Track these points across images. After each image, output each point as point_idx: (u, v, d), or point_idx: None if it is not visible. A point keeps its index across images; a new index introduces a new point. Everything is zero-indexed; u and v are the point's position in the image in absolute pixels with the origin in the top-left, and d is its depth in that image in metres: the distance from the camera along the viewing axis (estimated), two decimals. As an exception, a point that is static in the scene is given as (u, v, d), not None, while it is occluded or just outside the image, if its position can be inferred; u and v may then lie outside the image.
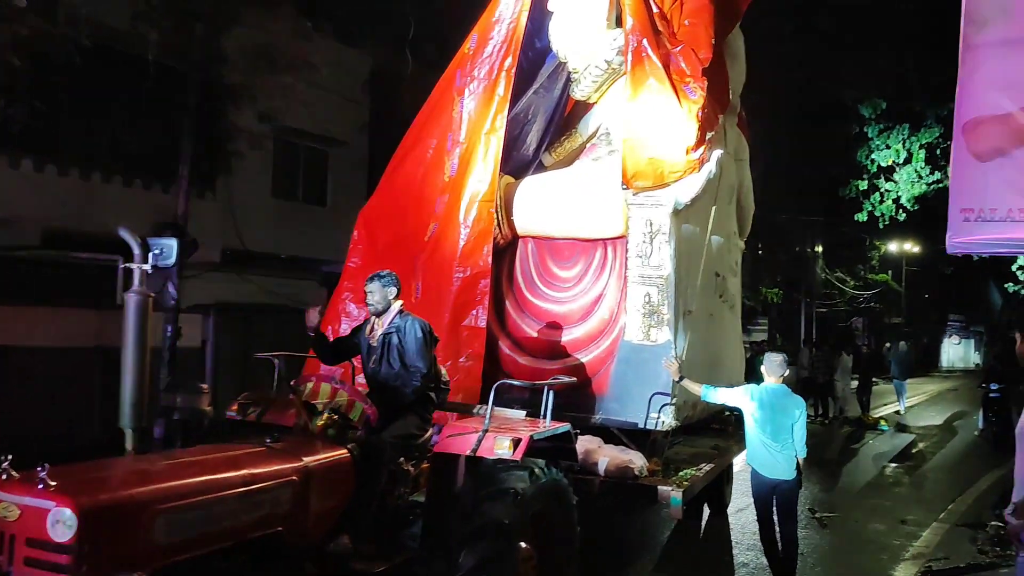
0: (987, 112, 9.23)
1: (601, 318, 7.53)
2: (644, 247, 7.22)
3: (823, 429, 18.37)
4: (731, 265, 9.19)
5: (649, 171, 7.08)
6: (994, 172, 9.09)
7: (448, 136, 7.61)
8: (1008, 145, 9.04)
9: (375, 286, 5.57)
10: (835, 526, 9.58)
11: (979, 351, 44.17)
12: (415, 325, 5.45)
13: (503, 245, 7.80)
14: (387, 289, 5.57)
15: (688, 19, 7.34)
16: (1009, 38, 9.15)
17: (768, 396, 6.68)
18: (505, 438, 5.02)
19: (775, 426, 6.63)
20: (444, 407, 5.98)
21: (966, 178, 9.43)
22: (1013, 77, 9.12)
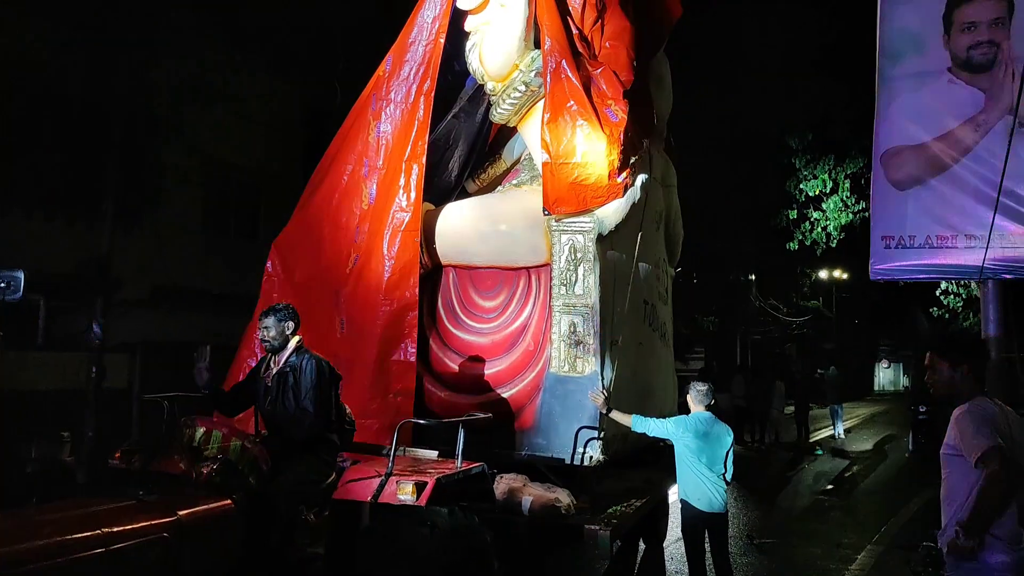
0: (904, 142, 9.24)
1: (525, 349, 7.07)
2: (568, 275, 6.80)
3: (759, 455, 18.11)
4: (661, 292, 8.81)
5: (571, 196, 6.67)
6: (912, 200, 9.08)
7: (364, 162, 7.13)
8: (924, 174, 9.04)
9: (271, 321, 5.06)
10: (773, 551, 9.37)
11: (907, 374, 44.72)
12: (311, 363, 4.95)
13: (423, 275, 7.30)
14: (284, 324, 5.07)
15: (609, 41, 6.97)
16: (922, 71, 9.16)
17: (700, 425, 6.31)
18: (408, 482, 4.53)
19: (710, 456, 6.25)
20: (350, 448, 5.45)
21: (886, 206, 9.43)
22: (926, 108, 9.10)
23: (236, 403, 5.37)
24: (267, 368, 5.09)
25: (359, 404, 6.59)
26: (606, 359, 6.85)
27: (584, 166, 6.64)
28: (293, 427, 4.85)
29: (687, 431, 6.28)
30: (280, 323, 5.06)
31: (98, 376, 13.62)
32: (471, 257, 7.26)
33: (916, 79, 9.05)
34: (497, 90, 7.14)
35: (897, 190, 9.11)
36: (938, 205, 8.73)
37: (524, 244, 7.03)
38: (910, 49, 9.10)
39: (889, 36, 9.20)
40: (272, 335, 5.04)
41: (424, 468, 5.00)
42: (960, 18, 8.81)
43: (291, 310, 5.15)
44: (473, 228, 7.19)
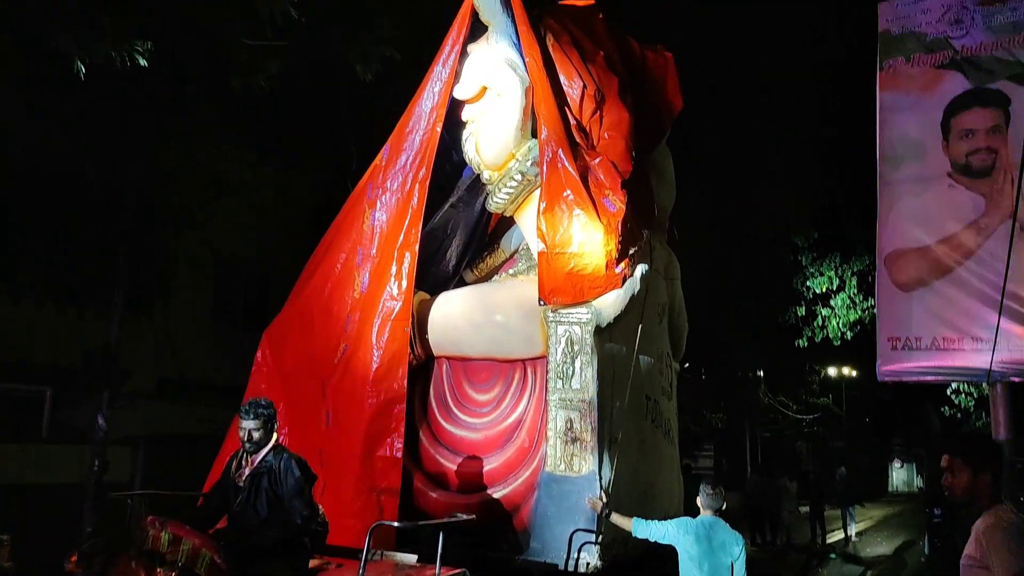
0: (906, 244, 9.08)
1: (520, 446, 6.63)
2: (565, 368, 6.42)
3: (772, 557, 17.27)
4: (664, 387, 8.38)
5: (568, 286, 6.34)
6: (917, 302, 8.90)
7: (358, 250, 6.85)
8: (928, 276, 8.85)
9: (254, 423, 4.68)
10: None
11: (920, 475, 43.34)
12: (290, 462, 4.55)
13: (416, 366, 6.93)
14: (270, 424, 4.68)
15: (608, 132, 6.75)
16: (922, 176, 9.08)
17: (705, 531, 5.76)
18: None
19: (712, 565, 5.68)
20: (324, 551, 4.98)
21: (891, 307, 9.29)
22: (928, 212, 8.98)
23: (209, 512, 4.92)
24: (239, 467, 4.69)
25: (342, 502, 6.15)
26: (605, 457, 6.41)
27: (581, 256, 6.34)
28: (267, 531, 4.42)
29: (687, 534, 5.76)
30: (266, 423, 4.67)
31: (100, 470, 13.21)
32: (464, 348, 6.89)
33: (917, 183, 9.10)
34: (494, 179, 6.90)
35: (902, 291, 9.09)
36: (943, 307, 8.67)
37: (519, 335, 6.68)
38: (910, 155, 9.20)
39: (889, 142, 9.30)
40: (256, 437, 4.65)
41: (400, 575, 4.53)
42: (958, 126, 8.91)
43: (267, 408, 4.76)
44: (467, 318, 6.84)
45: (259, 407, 4.71)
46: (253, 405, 4.73)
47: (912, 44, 9.39)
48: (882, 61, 9.56)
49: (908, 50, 9.39)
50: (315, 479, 4.76)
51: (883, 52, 9.55)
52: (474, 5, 6.81)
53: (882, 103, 9.43)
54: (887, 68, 9.49)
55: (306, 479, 4.57)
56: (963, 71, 9.06)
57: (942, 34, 9.22)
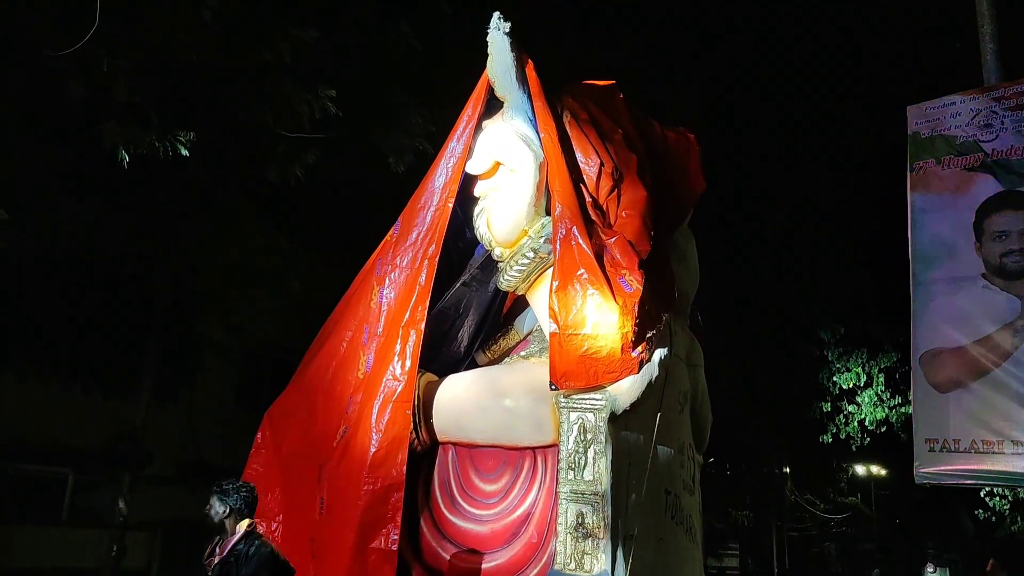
0: (942, 345, 8.61)
1: (528, 541, 5.98)
2: (577, 457, 5.82)
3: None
4: (686, 481, 7.70)
5: (581, 370, 5.79)
6: (954, 403, 8.35)
7: (364, 328, 6.39)
8: (965, 377, 8.35)
9: (214, 500, 4.20)
10: None
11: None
12: (259, 549, 4.00)
13: (420, 452, 6.36)
14: (224, 505, 4.17)
15: (626, 210, 6.30)
16: (956, 276, 8.67)
17: None
18: None
19: None
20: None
21: (928, 409, 8.79)
22: (963, 312, 8.55)
23: None
24: (211, 554, 4.15)
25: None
26: (618, 556, 5.75)
27: (595, 338, 5.81)
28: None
29: None
30: (226, 506, 4.16)
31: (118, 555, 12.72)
32: (471, 433, 6.32)
33: (951, 283, 8.86)
34: (505, 256, 6.45)
35: (938, 392, 8.72)
36: (981, 409, 8.29)
37: (529, 421, 6.11)
38: (943, 255, 8.99)
39: (921, 242, 9.13)
40: (216, 520, 4.14)
41: None
42: (991, 227, 8.75)
43: (240, 493, 4.28)
44: (474, 402, 6.29)
45: (221, 488, 4.22)
46: (220, 484, 4.24)
47: (942, 146, 9.26)
48: (912, 162, 9.42)
49: (938, 152, 9.26)
50: (285, 571, 4.18)
51: (913, 154, 9.42)
52: (489, 80, 6.49)
53: (913, 204, 9.25)
54: (918, 169, 9.35)
55: (267, 568, 4.01)
56: (994, 174, 8.92)
57: (972, 137, 9.10)
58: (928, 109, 9.48)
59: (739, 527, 23.58)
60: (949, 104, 9.36)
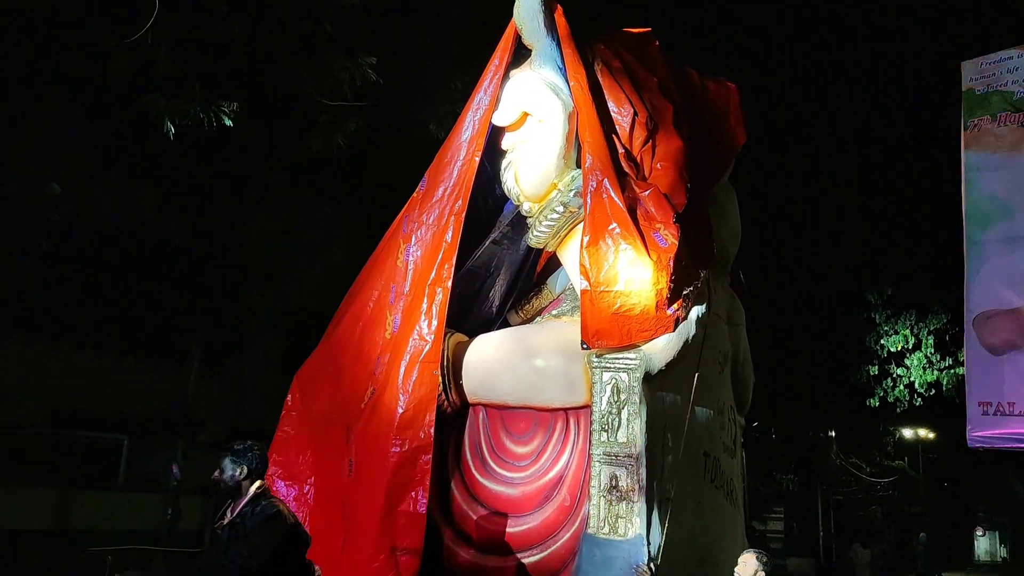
0: (996, 306, 8.13)
1: (560, 505, 5.71)
2: (610, 418, 5.51)
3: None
4: (727, 443, 7.35)
5: (614, 328, 5.46)
6: (1009, 366, 7.91)
7: (391, 288, 6.11)
8: (1020, 339, 7.90)
9: (225, 462, 3.97)
10: None
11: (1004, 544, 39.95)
12: (265, 511, 3.77)
13: (451, 414, 6.10)
14: (238, 467, 3.93)
15: (661, 162, 5.92)
16: (1011, 236, 8.18)
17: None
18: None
19: None
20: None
21: (981, 371, 8.35)
22: (1018, 273, 8.04)
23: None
24: (221, 517, 3.93)
25: (361, 561, 5.32)
26: (654, 519, 5.45)
27: (628, 295, 5.46)
28: None
29: None
30: (238, 467, 3.93)
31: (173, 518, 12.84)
32: (501, 395, 6.03)
33: (1006, 243, 8.50)
34: (534, 211, 6.10)
35: (992, 355, 8.39)
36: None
37: (560, 382, 5.80)
38: (998, 214, 8.62)
39: (975, 201, 8.75)
40: (226, 479, 3.91)
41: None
42: None
43: (254, 452, 4.03)
44: (504, 362, 5.99)
45: (233, 449, 3.98)
46: (229, 447, 4.00)
47: (998, 103, 8.77)
48: (966, 120, 8.93)
49: (994, 109, 8.78)
50: (302, 538, 3.94)
51: (967, 111, 8.94)
52: (517, 28, 6.11)
53: (967, 162, 8.78)
54: (972, 127, 8.87)
55: (272, 529, 3.77)
56: (1051, 130, 8.45)
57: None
58: (983, 64, 8.96)
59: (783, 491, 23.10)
60: (1006, 59, 8.82)
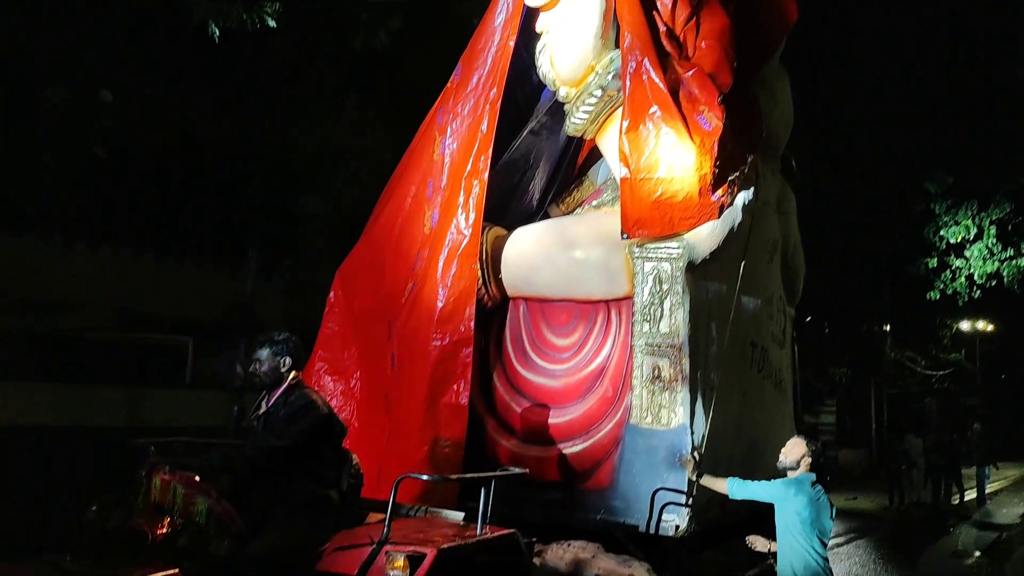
0: None
1: (603, 395, 5.61)
2: (652, 309, 5.33)
3: (898, 518, 15.62)
4: (776, 334, 7.16)
5: (655, 217, 5.23)
6: None
7: (428, 182, 5.93)
8: None
9: (264, 353, 3.89)
10: None
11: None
12: (301, 398, 3.71)
13: (491, 308, 5.99)
14: (279, 359, 3.87)
15: (705, 40, 5.52)
16: None
17: (812, 490, 4.60)
18: (400, 554, 3.17)
19: (821, 528, 4.57)
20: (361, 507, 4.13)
21: None
22: None
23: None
24: (257, 408, 3.89)
25: (406, 452, 5.33)
26: (697, 409, 5.32)
27: (670, 181, 5.20)
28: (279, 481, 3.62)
29: (800, 494, 4.61)
30: (275, 357, 3.87)
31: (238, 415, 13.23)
32: (541, 288, 5.89)
33: None
34: (571, 96, 5.80)
35: None
36: None
37: (601, 273, 5.62)
38: None
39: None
40: (264, 370, 3.86)
41: (434, 535, 3.63)
42: None
43: (292, 343, 3.94)
44: (543, 255, 5.82)
45: (273, 340, 3.90)
46: (267, 338, 3.92)
47: None
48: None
49: None
50: (339, 428, 3.88)
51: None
52: (551, -100, 5.68)
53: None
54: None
55: (303, 416, 3.70)
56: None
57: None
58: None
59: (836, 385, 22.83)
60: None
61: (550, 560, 5.08)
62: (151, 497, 3.39)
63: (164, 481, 3.35)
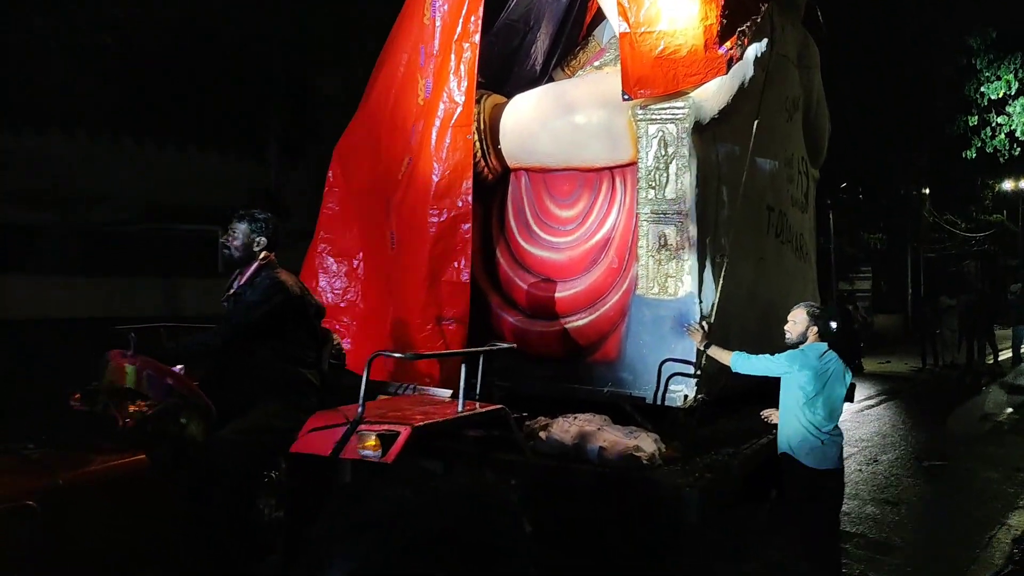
0: None
1: (608, 267, 5.30)
2: (657, 174, 4.94)
3: (932, 378, 15.37)
4: (796, 197, 6.73)
5: (658, 74, 4.76)
6: None
7: (420, 49, 5.46)
8: None
9: (241, 227, 3.61)
10: (944, 474, 7.97)
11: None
12: (268, 278, 3.47)
13: (492, 181, 5.63)
14: (254, 236, 3.60)
15: None
16: None
17: (823, 363, 4.29)
18: (371, 433, 2.99)
19: (828, 401, 4.29)
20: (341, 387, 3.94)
21: None
22: None
23: None
24: (228, 289, 3.67)
25: (408, 332, 5.13)
26: (706, 277, 5.00)
27: (673, 35, 4.71)
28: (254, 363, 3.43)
29: (805, 368, 4.33)
30: (251, 233, 3.60)
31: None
32: (541, 157, 5.49)
33: None
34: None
35: None
36: None
37: (603, 138, 5.20)
38: None
39: None
40: (236, 243, 3.59)
41: (413, 414, 3.43)
42: None
43: (271, 224, 3.67)
44: (542, 121, 5.39)
45: (251, 215, 3.64)
46: (245, 213, 3.65)
47: None
48: None
49: None
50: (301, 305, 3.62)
51: None
52: None
53: None
54: None
55: (270, 295, 3.46)
56: None
57: None
58: None
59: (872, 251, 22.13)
60: None
61: (556, 434, 4.91)
62: (109, 381, 3.22)
63: (118, 365, 3.18)
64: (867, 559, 5.59)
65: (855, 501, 6.78)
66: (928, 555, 5.74)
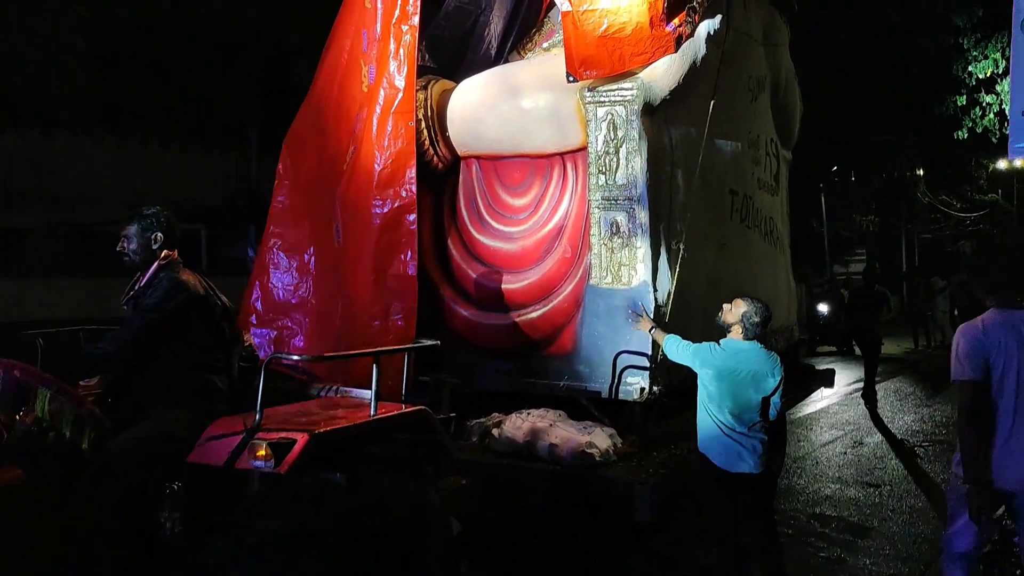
0: None
1: (562, 256, 5.01)
2: (608, 159, 4.65)
3: (923, 359, 15.06)
4: (765, 180, 6.43)
5: (603, 54, 4.46)
6: None
7: (363, 34, 5.13)
8: None
9: (133, 229, 3.33)
10: (928, 456, 7.83)
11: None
12: (165, 281, 3.19)
13: (443, 170, 5.34)
14: (147, 234, 3.32)
15: None
16: None
17: (729, 360, 3.95)
18: (263, 442, 2.72)
19: (737, 402, 3.93)
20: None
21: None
22: None
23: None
24: (128, 291, 3.39)
25: (357, 328, 4.84)
26: (660, 265, 4.70)
27: (616, 12, 4.41)
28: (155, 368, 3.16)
29: (706, 366, 4.00)
30: (144, 233, 3.32)
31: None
32: (490, 143, 5.19)
33: None
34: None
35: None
36: None
37: (551, 122, 4.90)
38: None
39: None
40: (133, 247, 3.32)
41: (320, 419, 3.15)
42: None
43: (164, 218, 3.38)
44: (488, 106, 5.09)
45: (142, 215, 3.36)
46: (138, 213, 3.37)
47: None
48: None
49: None
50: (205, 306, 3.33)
51: None
52: None
53: None
54: None
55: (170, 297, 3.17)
56: None
57: None
58: None
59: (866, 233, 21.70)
60: None
61: (508, 431, 4.65)
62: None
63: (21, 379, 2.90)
64: (845, 543, 5.40)
65: (837, 484, 6.74)
66: (907, 537, 5.52)
